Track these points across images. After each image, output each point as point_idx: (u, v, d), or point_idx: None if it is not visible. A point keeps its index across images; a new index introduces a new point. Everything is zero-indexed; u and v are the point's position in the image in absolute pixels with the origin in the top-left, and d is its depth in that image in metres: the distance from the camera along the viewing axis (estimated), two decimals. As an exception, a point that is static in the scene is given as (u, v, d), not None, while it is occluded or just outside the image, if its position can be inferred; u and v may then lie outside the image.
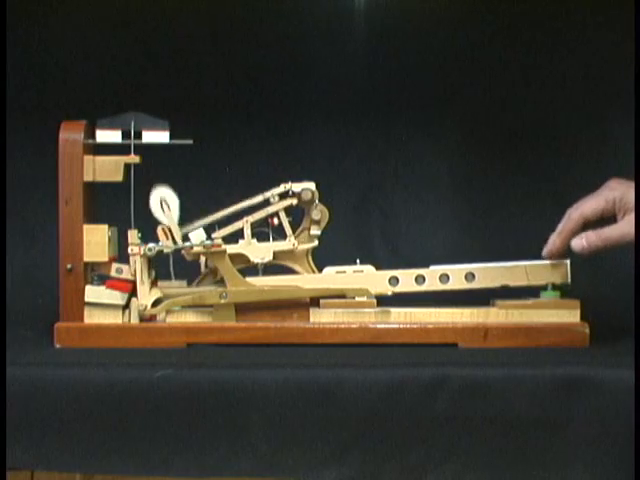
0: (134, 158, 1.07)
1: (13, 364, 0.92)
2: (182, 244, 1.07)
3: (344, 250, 1.34)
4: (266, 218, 1.09)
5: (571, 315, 1.07)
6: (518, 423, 0.90)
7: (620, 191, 1.03)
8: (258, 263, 1.09)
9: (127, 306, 1.07)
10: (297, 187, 1.09)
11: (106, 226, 1.06)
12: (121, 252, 1.09)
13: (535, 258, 1.09)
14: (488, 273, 1.09)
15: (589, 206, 1.04)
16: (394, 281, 1.09)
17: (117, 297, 1.06)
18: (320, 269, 1.11)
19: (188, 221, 1.09)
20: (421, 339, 1.06)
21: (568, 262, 1.09)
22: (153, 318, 1.07)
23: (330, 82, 1.44)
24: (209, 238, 1.08)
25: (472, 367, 0.92)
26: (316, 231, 1.11)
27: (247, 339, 1.06)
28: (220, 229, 1.08)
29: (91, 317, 1.06)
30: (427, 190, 1.46)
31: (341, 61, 1.44)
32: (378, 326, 1.07)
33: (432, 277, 1.09)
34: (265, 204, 1.09)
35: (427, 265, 1.10)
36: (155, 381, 0.90)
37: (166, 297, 1.08)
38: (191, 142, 1.07)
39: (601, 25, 1.42)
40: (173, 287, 1.10)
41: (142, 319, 1.07)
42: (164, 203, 1.07)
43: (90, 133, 1.07)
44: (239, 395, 0.90)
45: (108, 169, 1.07)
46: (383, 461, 0.90)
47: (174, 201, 1.08)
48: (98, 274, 1.07)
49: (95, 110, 1.08)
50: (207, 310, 1.08)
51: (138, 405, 0.90)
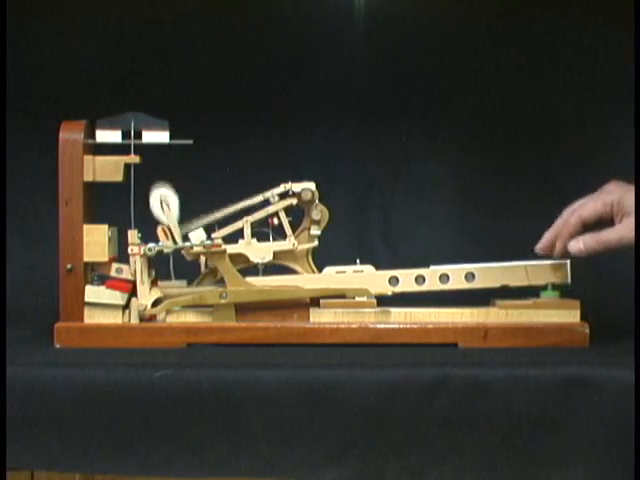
0: (134, 158, 1.07)
1: (13, 364, 0.92)
2: (182, 244, 1.07)
3: (344, 250, 1.34)
4: (266, 218, 1.09)
5: (571, 315, 1.07)
6: (518, 423, 0.89)
7: (618, 194, 1.03)
8: (258, 263, 1.09)
9: (127, 306, 1.07)
10: (297, 187, 1.09)
11: (106, 226, 1.07)
12: (121, 252, 1.09)
13: (535, 258, 1.09)
14: (488, 273, 1.09)
15: (587, 209, 1.04)
16: (394, 281, 1.09)
17: (117, 297, 1.06)
18: (320, 269, 1.11)
19: (188, 221, 1.09)
20: (421, 339, 1.06)
21: (568, 262, 1.09)
22: (153, 318, 1.07)
23: (330, 82, 1.44)
24: (209, 238, 1.08)
25: (472, 367, 0.92)
26: (316, 231, 1.11)
27: (247, 339, 1.06)
28: (220, 229, 1.08)
29: (91, 317, 1.06)
30: (427, 190, 1.46)
31: (341, 61, 1.44)
32: (378, 326, 1.07)
33: (432, 277, 1.09)
34: (265, 204, 1.09)
35: (427, 265, 1.10)
36: (155, 381, 0.90)
37: (166, 297, 1.08)
38: (191, 142, 1.07)
39: (601, 25, 1.42)
40: (173, 287, 1.10)
41: (142, 319, 1.07)
42: (164, 202, 1.07)
43: (90, 133, 1.07)
44: (239, 395, 0.90)
45: (108, 169, 1.07)
46: (383, 461, 0.90)
47: (174, 200, 1.08)
48: (98, 274, 1.07)
49: (95, 110, 1.08)
50: (207, 310, 1.08)
51: (138, 405, 0.90)
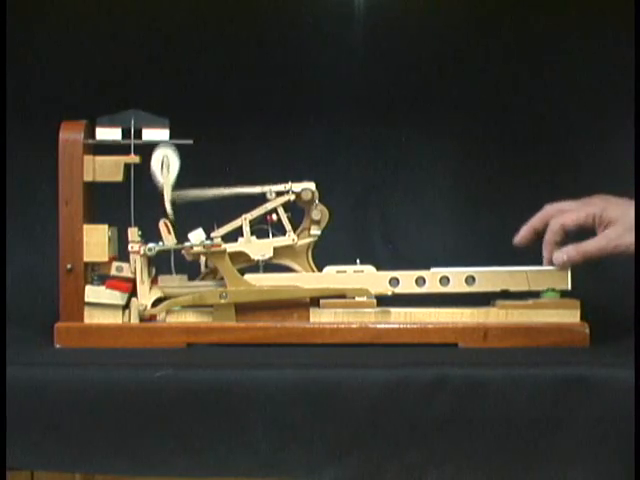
0: (134, 158, 1.07)
1: (13, 364, 0.92)
2: (182, 244, 1.07)
3: (344, 250, 1.34)
4: (265, 215, 1.09)
5: (571, 315, 1.07)
6: (518, 423, 0.89)
7: (600, 207, 1.06)
8: (259, 260, 1.09)
9: (127, 306, 1.07)
10: (297, 187, 1.09)
11: (106, 226, 1.07)
12: (121, 252, 1.09)
13: (536, 261, 1.09)
14: (489, 277, 1.09)
15: (570, 218, 1.07)
16: (394, 282, 1.09)
17: (117, 297, 1.06)
18: (320, 269, 1.10)
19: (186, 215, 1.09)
20: (421, 339, 1.06)
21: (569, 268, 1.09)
22: (153, 318, 1.07)
23: (330, 82, 1.44)
24: (209, 238, 1.08)
25: (472, 367, 0.92)
26: (316, 231, 1.11)
27: (247, 339, 1.06)
28: (219, 228, 1.08)
29: (91, 317, 1.06)
30: (427, 191, 1.46)
31: (341, 61, 1.44)
32: (378, 326, 1.07)
33: (432, 279, 1.09)
34: (263, 201, 1.09)
35: (428, 267, 1.10)
36: (155, 381, 0.90)
37: (166, 297, 1.08)
38: (191, 142, 1.07)
39: (601, 24, 1.42)
40: (174, 282, 1.10)
41: (142, 319, 1.07)
42: (165, 164, 1.07)
43: (90, 133, 1.07)
44: (239, 395, 0.90)
45: (108, 169, 1.07)
46: (383, 461, 0.90)
47: (175, 164, 1.07)
48: (98, 274, 1.07)
49: (95, 110, 1.08)
50: (207, 310, 1.08)
51: (138, 405, 0.90)
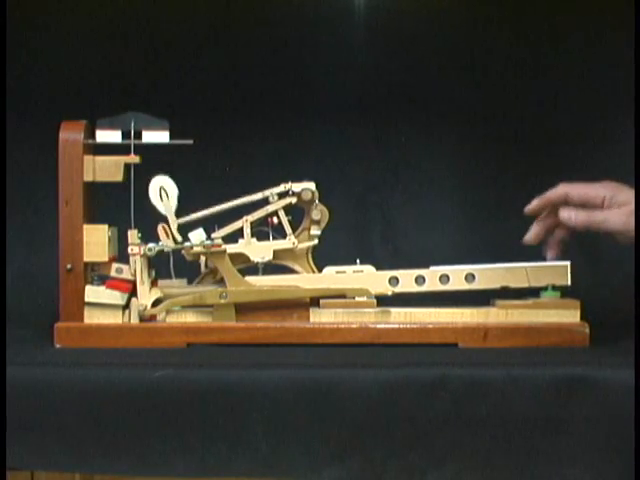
0: (134, 158, 1.07)
1: (13, 364, 0.92)
2: (182, 244, 1.07)
3: (344, 250, 1.34)
4: (265, 217, 1.09)
5: (571, 315, 1.07)
6: (518, 423, 0.89)
7: (612, 191, 1.05)
8: (258, 262, 1.09)
9: (127, 306, 1.07)
10: (297, 187, 1.09)
11: (106, 226, 1.06)
12: (121, 252, 1.09)
13: (536, 259, 1.09)
14: (488, 274, 1.09)
15: (577, 190, 1.06)
16: (394, 281, 1.09)
17: (117, 297, 1.06)
18: (320, 269, 1.10)
19: (185, 214, 1.09)
20: (421, 339, 1.06)
21: (568, 264, 1.09)
22: (153, 318, 1.07)
23: (330, 82, 1.44)
24: (209, 238, 1.08)
25: (472, 367, 0.92)
26: (316, 231, 1.11)
27: (247, 339, 1.06)
28: (220, 229, 1.08)
29: (91, 317, 1.06)
30: (427, 190, 1.46)
31: (341, 61, 1.44)
32: (378, 326, 1.07)
33: (432, 278, 1.09)
34: (264, 203, 1.09)
35: (427, 265, 1.10)
36: (155, 381, 0.90)
37: (166, 297, 1.08)
38: (191, 142, 1.07)
39: (602, 24, 1.42)
40: (173, 287, 1.10)
41: (142, 319, 1.07)
42: (163, 192, 1.07)
43: (90, 133, 1.07)
44: (239, 395, 0.90)
45: (108, 169, 1.07)
46: (383, 461, 0.90)
47: (173, 190, 1.07)
48: (98, 274, 1.07)
49: (95, 110, 1.08)
50: (207, 310, 1.08)
51: (138, 405, 0.90)
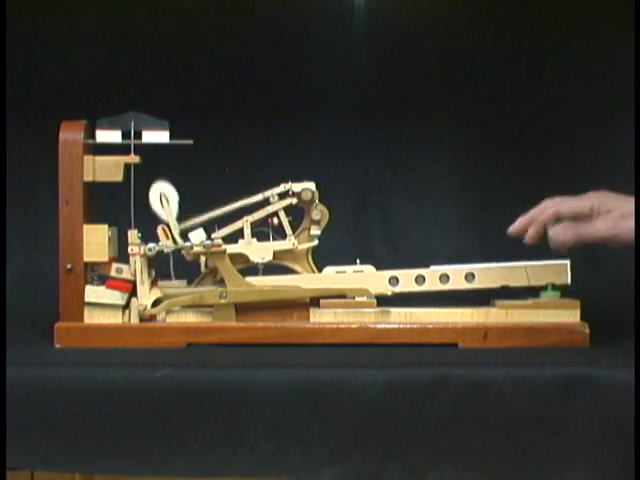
0: (134, 158, 1.07)
1: (13, 364, 0.92)
2: (182, 244, 1.07)
3: (344, 250, 1.34)
4: (266, 218, 1.09)
5: (571, 315, 1.07)
6: (518, 423, 0.89)
7: (600, 200, 1.04)
8: (258, 263, 1.09)
9: (127, 306, 1.07)
10: (297, 187, 1.09)
11: (106, 226, 1.06)
12: (121, 252, 1.09)
13: (535, 258, 1.09)
14: (488, 273, 1.09)
15: (566, 205, 1.05)
16: (394, 281, 1.09)
17: (117, 297, 1.06)
18: (320, 269, 1.10)
19: (186, 219, 1.09)
20: (421, 339, 1.06)
21: (568, 263, 1.09)
22: (153, 318, 1.07)
23: (330, 82, 1.44)
24: (209, 238, 1.08)
25: (472, 367, 0.92)
26: (316, 231, 1.11)
27: (247, 339, 1.06)
28: (220, 229, 1.08)
29: (91, 317, 1.06)
30: (427, 190, 1.46)
31: (341, 61, 1.44)
32: (378, 326, 1.07)
33: (432, 277, 1.09)
34: (265, 204, 1.09)
35: (427, 265, 1.10)
36: (155, 381, 0.90)
37: (166, 297, 1.08)
38: (191, 142, 1.07)
39: (602, 24, 1.42)
40: (173, 287, 1.10)
41: (142, 319, 1.07)
42: (163, 198, 1.07)
43: (90, 133, 1.07)
44: (239, 395, 0.90)
45: (108, 169, 1.07)
46: (383, 461, 0.90)
47: (173, 196, 1.08)
48: (98, 274, 1.07)
49: (95, 110, 1.08)
50: (207, 310, 1.08)
51: (138, 405, 0.90)
